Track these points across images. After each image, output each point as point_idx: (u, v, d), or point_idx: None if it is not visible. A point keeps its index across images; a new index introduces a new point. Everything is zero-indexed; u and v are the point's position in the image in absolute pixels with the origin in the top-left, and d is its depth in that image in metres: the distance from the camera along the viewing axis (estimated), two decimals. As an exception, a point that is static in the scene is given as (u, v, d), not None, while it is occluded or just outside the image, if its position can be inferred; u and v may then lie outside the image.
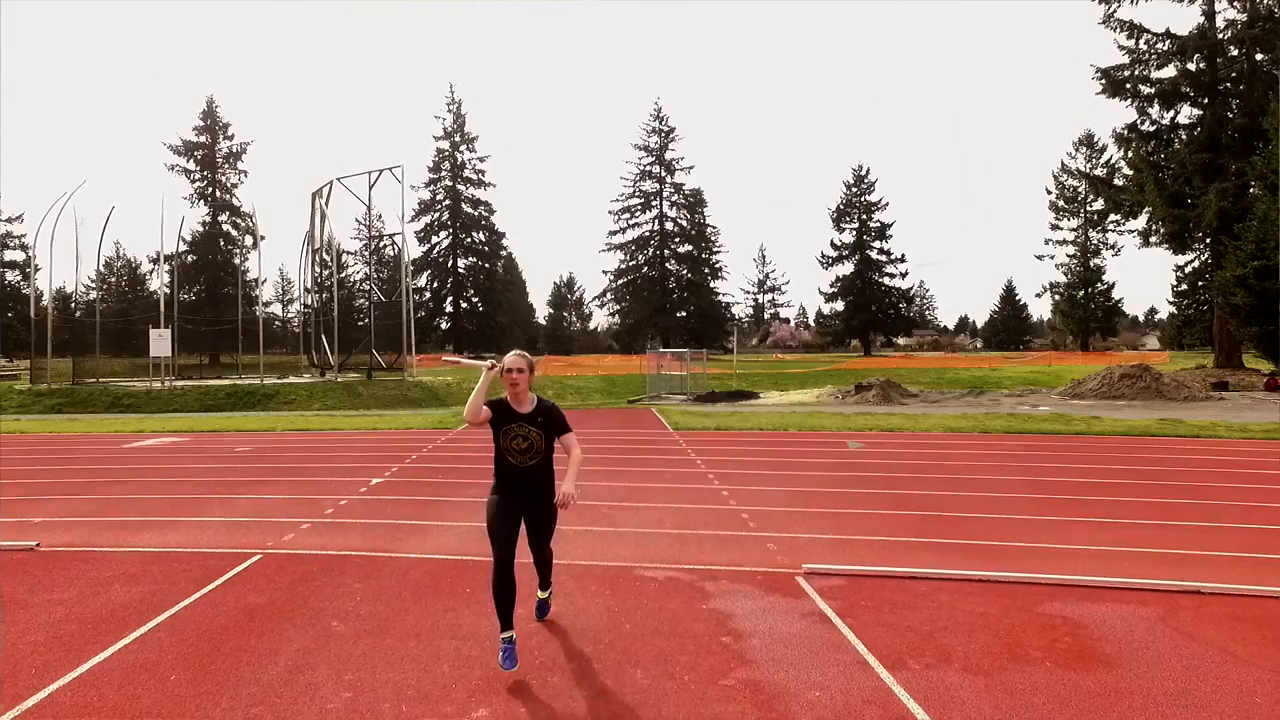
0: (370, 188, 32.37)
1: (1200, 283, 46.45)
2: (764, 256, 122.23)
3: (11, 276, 70.39)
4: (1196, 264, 45.58)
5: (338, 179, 33.24)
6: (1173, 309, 63.33)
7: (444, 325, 75.69)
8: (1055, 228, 79.27)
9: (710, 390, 25.00)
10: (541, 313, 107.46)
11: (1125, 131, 39.26)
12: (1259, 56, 36.09)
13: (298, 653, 3.94)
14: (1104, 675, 3.60)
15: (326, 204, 34.10)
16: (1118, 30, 38.16)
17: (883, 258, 79.26)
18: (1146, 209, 38.49)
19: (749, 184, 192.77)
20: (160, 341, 24.58)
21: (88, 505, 7.80)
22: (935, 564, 5.39)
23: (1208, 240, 36.72)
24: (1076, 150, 75.46)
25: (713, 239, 78.22)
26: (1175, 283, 55.16)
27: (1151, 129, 38.89)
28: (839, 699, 3.37)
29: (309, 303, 33.70)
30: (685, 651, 3.92)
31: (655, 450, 11.70)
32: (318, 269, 35.95)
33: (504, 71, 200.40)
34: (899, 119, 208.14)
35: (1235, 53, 36.63)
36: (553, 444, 3.90)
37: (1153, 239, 39.42)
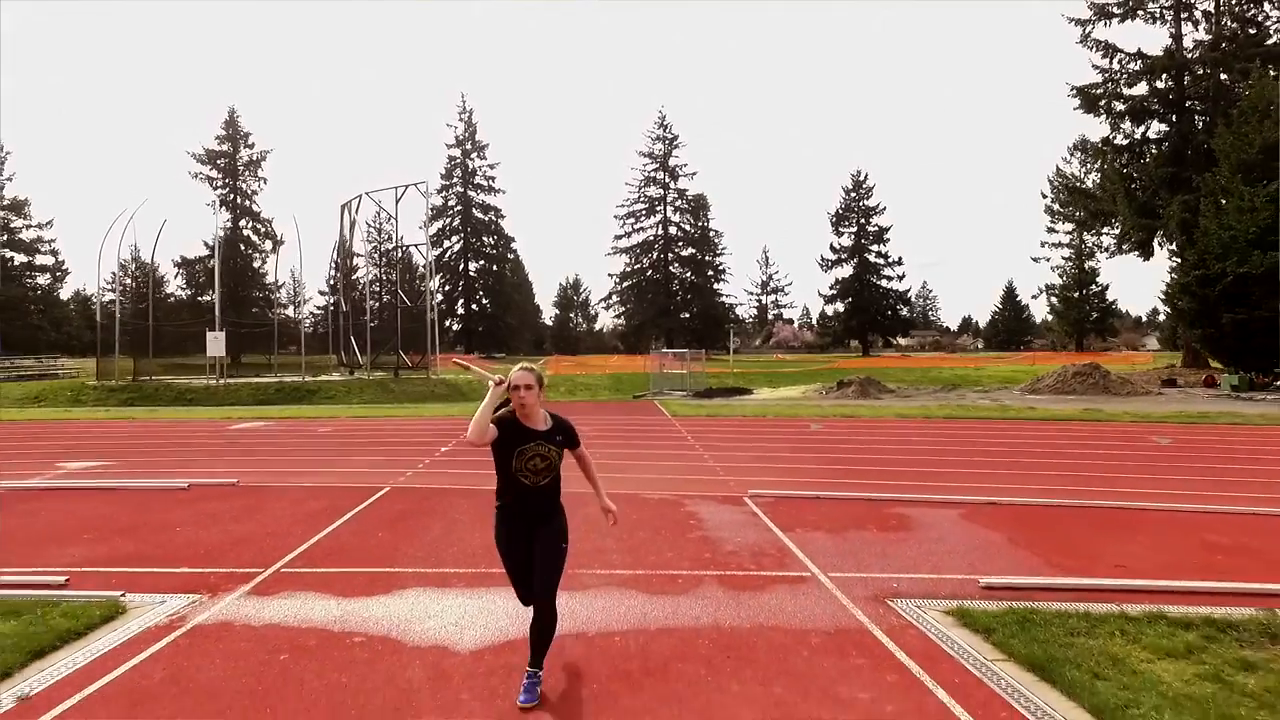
0: (397, 201, 35.28)
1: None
2: (767, 258, 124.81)
3: (42, 279, 73.35)
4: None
5: (366, 193, 36.25)
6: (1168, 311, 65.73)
7: (455, 327, 78.63)
8: (1051, 230, 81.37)
9: (708, 386, 27.80)
10: (548, 314, 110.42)
11: (1100, 144, 41.94)
12: (1223, 77, 38.66)
13: (443, 526, 6.78)
14: (901, 534, 6.41)
15: (355, 215, 37.11)
16: (1094, 49, 40.82)
17: (881, 261, 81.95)
18: (1119, 218, 41.21)
19: (755, 184, 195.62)
20: (215, 343, 27.56)
21: (243, 462, 10.67)
22: (835, 491, 8.20)
23: (1178, 248, 39.37)
24: (1071, 155, 77.83)
25: (715, 243, 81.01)
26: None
27: (1124, 142, 41.54)
28: (751, 541, 6.20)
29: (342, 306, 36.56)
30: (667, 526, 6.74)
31: (655, 430, 14.54)
32: (347, 275, 38.92)
33: (510, 74, 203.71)
34: (905, 118, 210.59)
35: (1201, 72, 39.24)
36: (562, 460, 3.66)
37: (1125, 246, 42.06)
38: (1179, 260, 30.13)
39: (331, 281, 73.80)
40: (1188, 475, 9.25)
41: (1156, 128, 40.59)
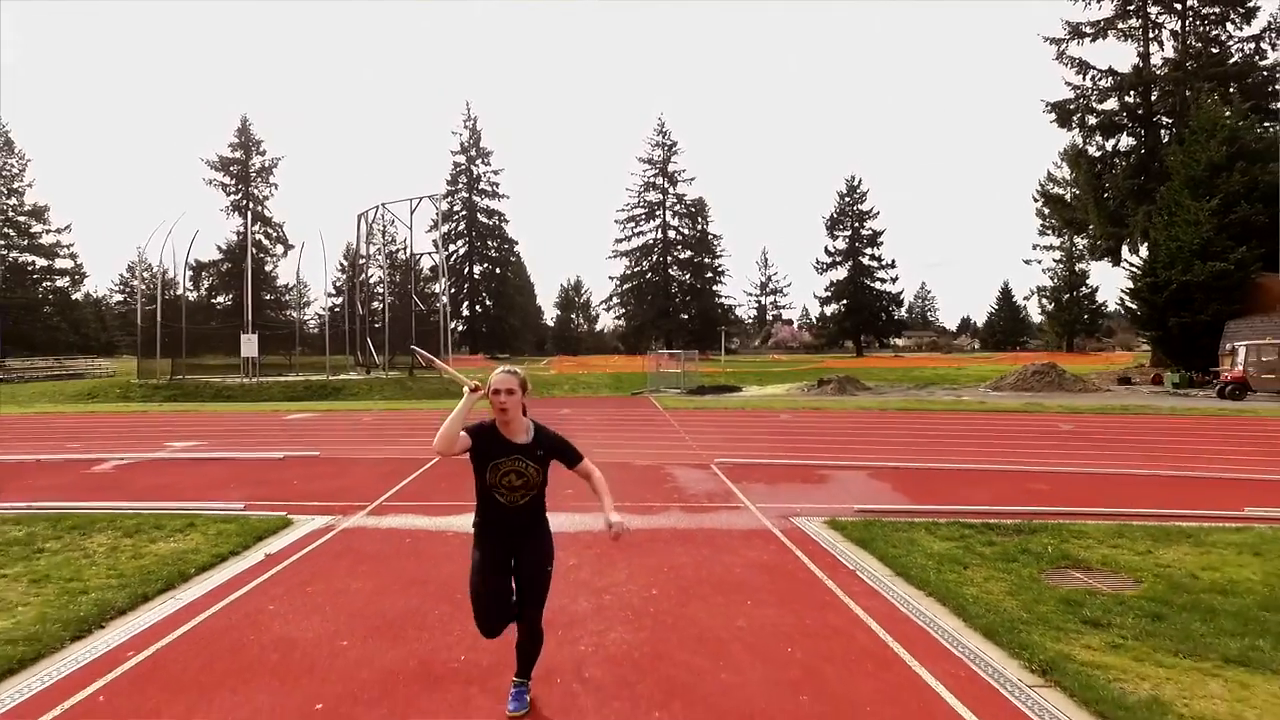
0: (412, 212, 37.81)
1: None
2: (766, 260, 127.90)
3: (61, 282, 75.62)
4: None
5: (383, 203, 38.79)
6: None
7: (460, 328, 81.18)
8: (1043, 233, 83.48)
9: (700, 385, 30.28)
10: (549, 315, 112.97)
11: (1075, 156, 44.37)
12: (1188, 93, 41.05)
13: (486, 481, 9.28)
14: (818, 485, 8.92)
15: (373, 224, 39.63)
16: (1068, 66, 43.28)
17: (874, 264, 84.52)
18: (1091, 226, 43.72)
19: (758, 185, 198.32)
20: (249, 344, 30.11)
21: (313, 441, 13.17)
22: (780, 459, 10.70)
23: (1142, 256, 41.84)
24: (1062, 160, 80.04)
25: (714, 246, 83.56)
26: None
27: (1097, 154, 43.98)
28: (708, 489, 8.70)
29: (358, 309, 39.07)
30: (650, 481, 9.25)
31: (648, 419, 17.06)
32: (359, 277, 41.46)
33: (512, 76, 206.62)
34: (910, 116, 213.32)
35: (1168, 89, 41.65)
36: (546, 477, 3.33)
37: (1096, 253, 44.54)
38: (1133, 268, 32.57)
39: (338, 284, 76.76)
40: (1057, 449, 11.75)
41: (1126, 141, 43.11)
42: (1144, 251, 38.78)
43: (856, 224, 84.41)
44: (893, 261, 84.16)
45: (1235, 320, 25.96)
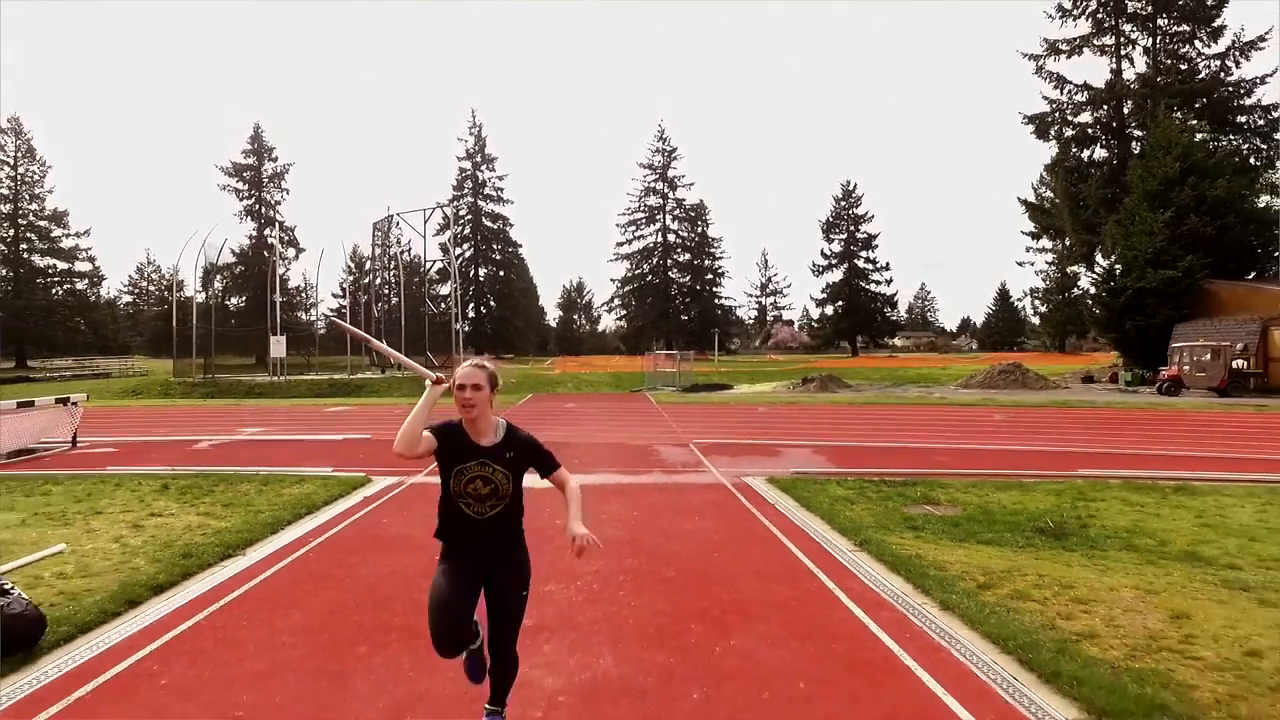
0: (425, 221, 40.41)
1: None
2: (766, 261, 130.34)
3: (81, 285, 78.16)
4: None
5: (397, 213, 41.41)
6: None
7: (465, 330, 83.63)
8: (1036, 236, 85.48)
9: (694, 383, 32.74)
10: (552, 315, 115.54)
11: (1053, 166, 46.83)
12: (1158, 107, 43.40)
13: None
14: (770, 457, 11.42)
15: (387, 232, 42.19)
16: (1046, 80, 45.76)
17: (869, 266, 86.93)
18: (1067, 233, 46.17)
19: (759, 186, 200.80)
20: (278, 345, 32.65)
21: (360, 428, 15.67)
22: (745, 439, 13.18)
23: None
24: (1053, 169, 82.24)
25: (713, 249, 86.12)
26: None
27: (1073, 164, 46.39)
28: (684, 459, 11.21)
29: (374, 312, 41.63)
30: (640, 454, 11.75)
31: (643, 411, 19.56)
32: (362, 279, 44.04)
33: (513, 77, 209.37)
34: (908, 115, 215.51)
35: (1140, 103, 44.03)
36: (520, 484, 2.97)
37: (1073, 259, 46.97)
38: (1095, 275, 34.93)
39: (345, 286, 79.63)
40: (977, 433, 14.22)
41: (1099, 153, 45.54)
42: (1109, 260, 41.28)
43: (852, 227, 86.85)
44: (887, 264, 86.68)
45: (1183, 324, 28.30)
